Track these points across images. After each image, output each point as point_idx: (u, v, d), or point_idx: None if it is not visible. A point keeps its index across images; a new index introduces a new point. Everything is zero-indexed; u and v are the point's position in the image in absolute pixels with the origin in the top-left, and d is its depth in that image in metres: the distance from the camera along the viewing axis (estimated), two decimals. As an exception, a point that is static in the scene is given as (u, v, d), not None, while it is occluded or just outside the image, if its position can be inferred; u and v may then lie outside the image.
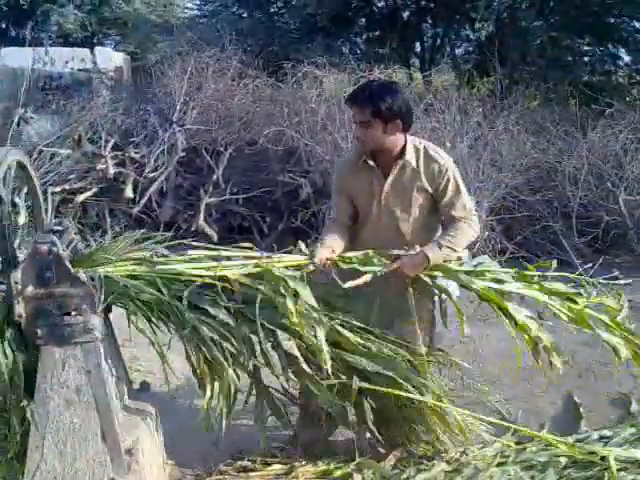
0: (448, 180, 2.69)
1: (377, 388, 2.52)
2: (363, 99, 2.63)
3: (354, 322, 2.55)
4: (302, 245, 2.62)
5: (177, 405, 3.22)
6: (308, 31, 10.90)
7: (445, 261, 2.65)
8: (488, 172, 6.06)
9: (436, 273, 2.64)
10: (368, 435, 2.72)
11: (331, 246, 2.61)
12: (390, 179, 2.71)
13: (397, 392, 2.52)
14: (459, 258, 2.71)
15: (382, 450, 2.81)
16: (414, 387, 2.57)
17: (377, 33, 12.33)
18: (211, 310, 2.37)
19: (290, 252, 2.64)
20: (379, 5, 12.15)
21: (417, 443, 2.77)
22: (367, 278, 2.54)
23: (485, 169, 6.05)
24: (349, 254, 2.63)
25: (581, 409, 3.26)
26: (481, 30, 10.90)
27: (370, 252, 2.62)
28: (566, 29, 9.75)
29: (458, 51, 12.72)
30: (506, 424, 2.86)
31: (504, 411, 3.28)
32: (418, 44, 12.69)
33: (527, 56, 10.29)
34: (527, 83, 8.67)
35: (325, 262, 2.54)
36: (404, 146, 2.69)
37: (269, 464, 2.75)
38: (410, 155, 2.69)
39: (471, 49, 12.86)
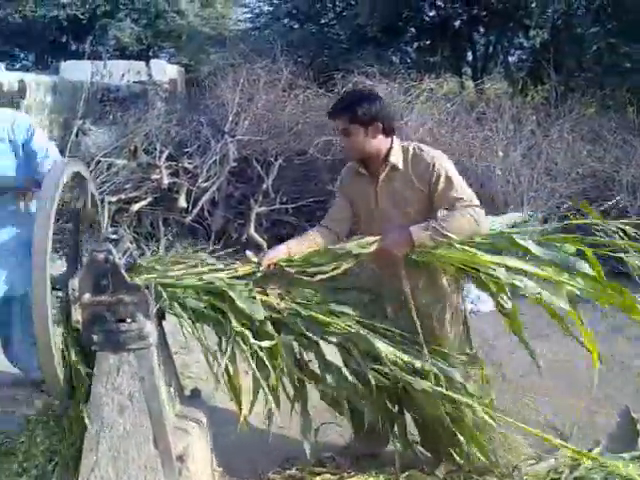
0: (438, 175, 2.60)
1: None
2: (341, 108, 2.67)
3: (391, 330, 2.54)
4: (249, 253, 2.57)
5: (227, 412, 3.24)
6: (358, 41, 10.95)
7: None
8: (542, 181, 5.95)
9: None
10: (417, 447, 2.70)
11: (288, 248, 2.59)
12: (380, 184, 2.70)
13: (437, 406, 2.49)
14: None
15: (431, 463, 2.77)
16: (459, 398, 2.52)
17: (428, 42, 12.31)
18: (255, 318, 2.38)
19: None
20: (430, 14, 12.13)
21: (466, 457, 2.72)
22: (345, 266, 2.49)
23: (539, 178, 5.94)
24: (298, 255, 2.58)
25: (638, 425, 3.15)
26: (535, 37, 10.76)
27: (320, 249, 2.58)
28: (623, 35, 9.52)
29: (511, 59, 12.59)
30: (559, 440, 2.78)
31: (559, 426, 3.20)
32: (470, 52, 12.59)
33: (583, 63, 10.08)
34: (583, 90, 8.48)
35: (270, 265, 2.51)
36: (389, 149, 2.67)
37: (318, 474, 2.75)
38: (396, 157, 2.66)
39: (524, 57, 12.69)
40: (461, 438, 2.60)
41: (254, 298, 2.40)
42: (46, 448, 2.87)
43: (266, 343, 2.37)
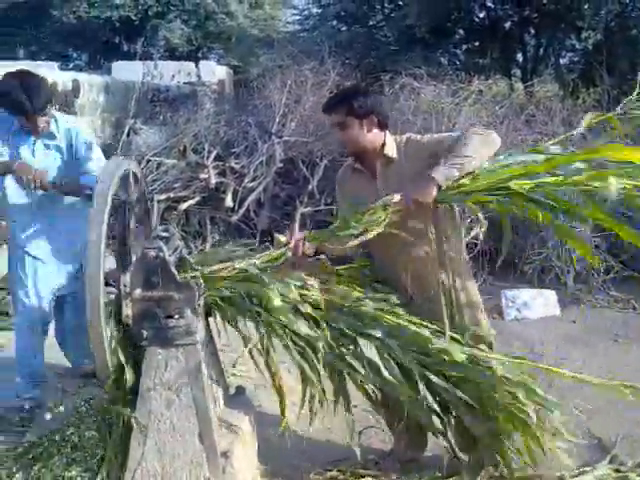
0: (433, 140, 2.61)
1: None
2: (336, 102, 2.69)
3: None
4: (278, 235, 2.60)
5: (271, 411, 3.27)
6: (407, 43, 10.89)
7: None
8: (594, 186, 5.81)
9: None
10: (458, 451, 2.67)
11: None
12: (378, 179, 2.67)
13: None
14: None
15: (472, 469, 2.74)
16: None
17: (477, 44, 12.16)
18: (292, 317, 2.40)
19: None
20: (480, 16, 11.97)
21: (509, 464, 2.67)
22: (372, 233, 2.46)
23: (590, 183, 5.80)
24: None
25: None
26: (588, 39, 10.51)
27: (346, 217, 2.55)
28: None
29: (562, 61, 12.34)
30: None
31: (604, 438, 3.12)
32: (520, 54, 12.38)
33: (637, 65, 9.80)
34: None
35: (298, 243, 2.50)
36: (383, 143, 2.66)
37: (360, 476, 2.74)
38: (390, 149, 2.65)
39: (576, 58, 12.43)
40: (506, 443, 2.57)
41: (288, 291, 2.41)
42: (94, 440, 2.94)
43: (304, 328, 2.38)
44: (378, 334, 2.46)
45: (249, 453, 2.55)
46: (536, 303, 5.01)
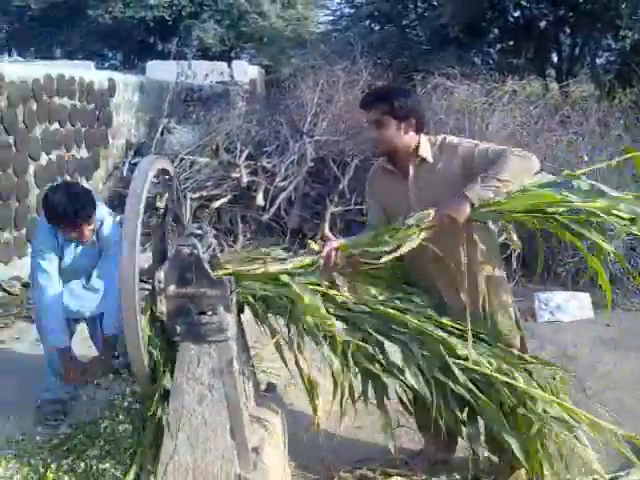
0: (468, 149, 2.53)
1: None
2: (375, 99, 2.61)
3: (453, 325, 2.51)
4: (312, 242, 2.57)
5: (301, 408, 3.29)
6: (440, 42, 10.83)
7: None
8: (630, 188, 5.70)
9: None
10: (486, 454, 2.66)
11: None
12: (410, 180, 2.61)
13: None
14: None
15: (501, 472, 2.72)
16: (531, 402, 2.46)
17: (511, 43, 12.04)
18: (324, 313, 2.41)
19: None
20: (514, 15, 11.84)
21: (540, 468, 2.64)
22: (406, 248, 2.42)
23: (627, 184, 5.70)
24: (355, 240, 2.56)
25: None
26: (625, 38, 10.33)
27: (380, 231, 2.51)
28: None
29: (598, 61, 12.14)
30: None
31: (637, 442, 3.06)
32: (555, 54, 12.22)
33: (676, 66, 9.61)
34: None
35: (330, 253, 2.47)
36: (418, 144, 2.59)
37: (389, 475, 2.74)
38: (424, 151, 2.58)
39: (613, 58, 12.23)
40: (537, 448, 2.54)
41: (316, 291, 2.42)
42: (128, 434, 2.99)
43: (339, 323, 2.39)
44: (402, 338, 2.46)
45: (279, 449, 2.56)
46: (570, 306, 4.93)
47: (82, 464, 2.84)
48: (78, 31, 18.71)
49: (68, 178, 6.36)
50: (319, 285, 2.47)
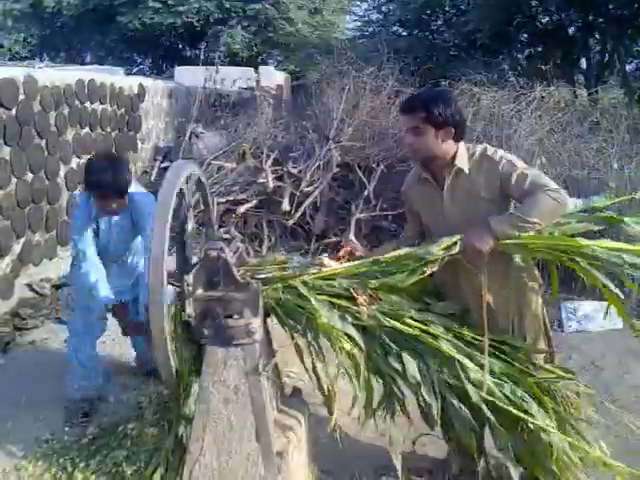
0: (507, 170, 2.46)
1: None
2: (415, 105, 2.51)
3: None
4: (324, 258, 2.58)
5: (325, 413, 3.28)
6: (467, 48, 10.79)
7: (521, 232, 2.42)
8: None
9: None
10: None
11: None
12: (446, 189, 2.57)
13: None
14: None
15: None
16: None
17: (539, 49, 11.94)
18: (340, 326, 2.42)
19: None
20: (543, 21, 11.74)
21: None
22: (429, 271, 2.44)
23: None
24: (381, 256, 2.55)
25: None
26: (656, 45, 10.19)
27: (403, 252, 2.50)
28: None
29: (628, 67, 11.98)
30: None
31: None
32: (584, 60, 12.09)
33: None
34: None
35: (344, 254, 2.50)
36: (455, 153, 2.55)
37: (413, 483, 2.74)
38: (461, 161, 2.53)
39: (643, 65, 12.06)
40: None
41: (334, 303, 2.44)
42: (154, 435, 3.03)
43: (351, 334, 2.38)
44: (419, 350, 2.47)
45: (303, 454, 2.57)
46: (598, 316, 4.86)
47: (109, 464, 2.88)
48: (108, 37, 19.00)
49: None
50: (338, 296, 2.47)
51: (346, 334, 2.43)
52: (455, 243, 2.44)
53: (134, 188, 3.30)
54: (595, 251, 2.42)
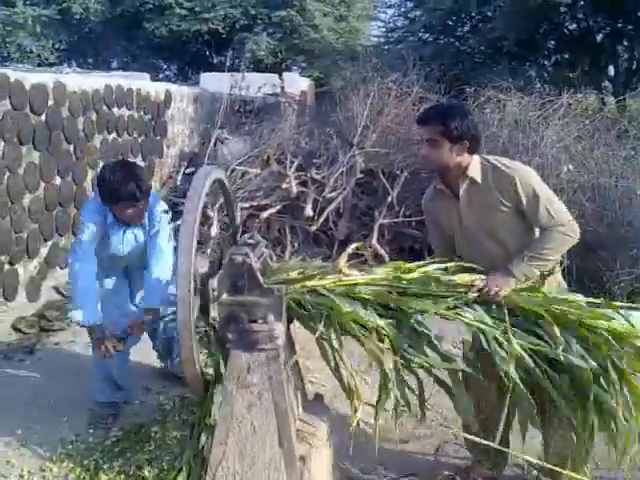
0: (524, 192, 2.53)
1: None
2: (433, 118, 2.61)
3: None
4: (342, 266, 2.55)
5: (348, 419, 3.28)
6: (493, 54, 10.73)
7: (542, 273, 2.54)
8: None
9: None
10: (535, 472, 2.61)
11: None
12: (461, 199, 2.64)
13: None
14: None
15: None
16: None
17: (567, 56, 11.83)
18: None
19: None
20: (570, 28, 11.63)
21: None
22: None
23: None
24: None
25: None
26: (685, 51, 10.04)
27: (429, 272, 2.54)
28: None
29: (657, 74, 11.80)
30: None
31: None
32: (612, 67, 11.95)
33: None
34: None
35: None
36: (468, 164, 2.61)
37: (435, 490, 2.72)
38: (474, 172, 2.60)
39: (673, 72, 11.87)
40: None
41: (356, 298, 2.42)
42: (177, 438, 3.05)
43: (380, 320, 2.37)
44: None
45: (326, 459, 2.56)
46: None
47: (132, 467, 2.90)
48: (135, 43, 19.25)
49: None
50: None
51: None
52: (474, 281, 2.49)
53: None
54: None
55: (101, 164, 6.08)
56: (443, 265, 2.59)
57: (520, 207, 2.56)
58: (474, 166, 2.61)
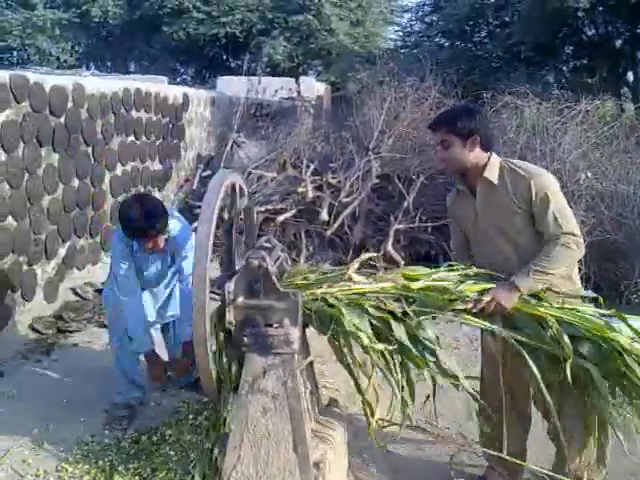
0: (536, 194, 2.55)
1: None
2: (441, 120, 2.71)
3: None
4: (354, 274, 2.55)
5: (362, 425, 3.27)
6: (510, 60, 10.68)
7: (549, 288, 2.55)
8: None
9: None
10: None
11: None
12: (478, 199, 2.68)
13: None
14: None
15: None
16: None
17: (585, 62, 11.75)
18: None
19: None
20: (589, 33, 11.55)
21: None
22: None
23: None
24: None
25: None
26: None
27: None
28: None
29: (677, 80, 11.69)
30: None
31: None
32: (631, 73, 11.86)
33: None
34: None
35: None
36: (485, 164, 2.65)
37: (450, 499, 2.70)
38: (491, 172, 2.63)
39: (693, 78, 11.75)
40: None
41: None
42: (192, 442, 3.05)
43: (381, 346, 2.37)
44: None
45: (340, 465, 2.56)
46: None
47: (147, 470, 2.91)
48: (153, 46, 19.38)
49: (142, 189, 6.57)
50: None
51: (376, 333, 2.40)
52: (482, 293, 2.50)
53: (171, 221, 3.34)
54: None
55: (118, 166, 6.13)
56: (451, 274, 2.59)
57: (532, 209, 2.58)
58: (492, 167, 2.65)
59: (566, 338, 2.39)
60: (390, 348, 2.37)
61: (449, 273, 2.60)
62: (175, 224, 3.39)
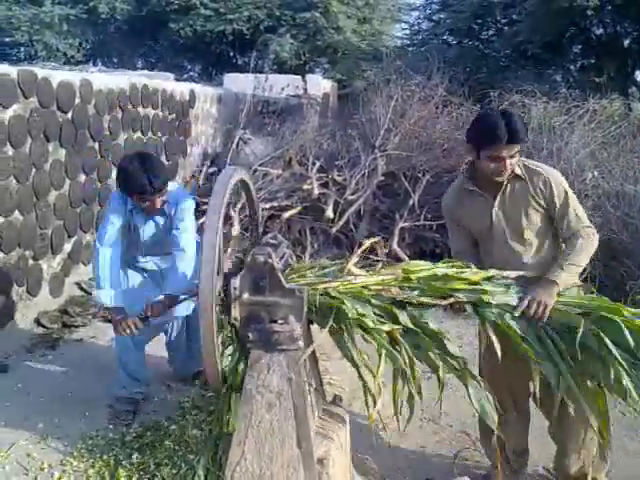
0: (557, 191, 2.59)
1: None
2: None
3: None
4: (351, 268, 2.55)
5: (366, 422, 3.28)
6: (518, 59, 10.64)
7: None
8: None
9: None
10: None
11: None
12: (499, 200, 2.65)
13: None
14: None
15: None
16: None
17: (593, 61, 11.69)
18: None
19: None
20: (597, 32, 11.51)
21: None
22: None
23: None
24: None
25: None
26: None
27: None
28: None
29: (686, 80, 11.64)
30: None
31: None
32: (638, 73, 11.81)
33: None
34: None
35: None
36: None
37: (453, 497, 2.70)
38: (518, 170, 2.62)
39: (701, 78, 11.70)
40: None
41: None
42: (196, 437, 3.06)
43: (387, 327, 2.37)
44: None
45: (344, 462, 2.56)
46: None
47: (151, 464, 2.92)
48: (159, 43, 19.38)
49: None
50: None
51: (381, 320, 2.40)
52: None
53: (171, 186, 3.31)
54: None
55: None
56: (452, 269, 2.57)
57: (551, 207, 2.60)
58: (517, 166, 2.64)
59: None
60: (396, 327, 2.36)
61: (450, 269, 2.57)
62: (177, 191, 3.35)
